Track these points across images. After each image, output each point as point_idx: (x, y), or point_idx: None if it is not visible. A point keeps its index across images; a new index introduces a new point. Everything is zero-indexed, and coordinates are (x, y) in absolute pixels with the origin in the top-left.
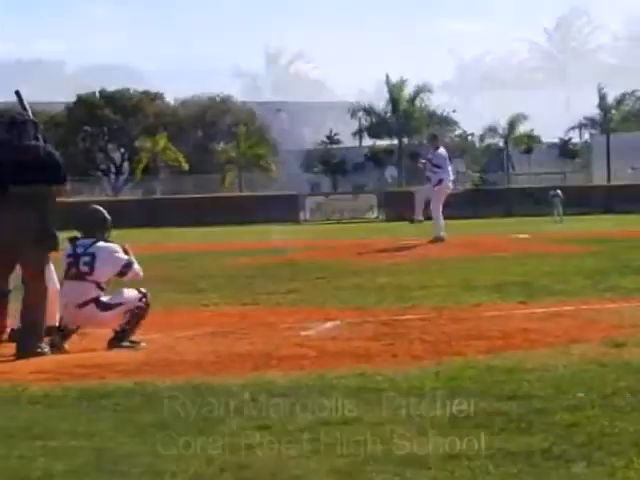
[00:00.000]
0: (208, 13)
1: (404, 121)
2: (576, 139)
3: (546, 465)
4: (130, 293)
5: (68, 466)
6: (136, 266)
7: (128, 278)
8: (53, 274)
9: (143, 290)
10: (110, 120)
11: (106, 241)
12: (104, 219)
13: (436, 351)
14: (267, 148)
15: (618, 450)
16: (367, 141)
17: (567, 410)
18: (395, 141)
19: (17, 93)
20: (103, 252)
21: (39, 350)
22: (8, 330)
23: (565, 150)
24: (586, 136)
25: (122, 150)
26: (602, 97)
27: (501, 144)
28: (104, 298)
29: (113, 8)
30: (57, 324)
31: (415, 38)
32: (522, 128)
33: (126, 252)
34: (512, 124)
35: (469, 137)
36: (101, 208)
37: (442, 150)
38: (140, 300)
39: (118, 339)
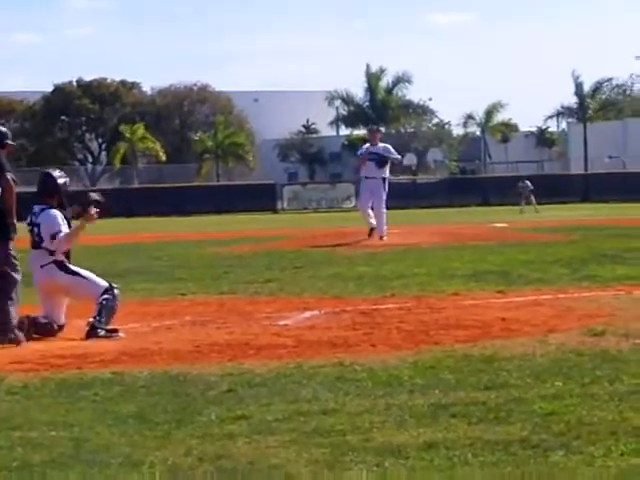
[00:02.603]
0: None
1: (381, 110)
2: (553, 128)
3: (524, 454)
4: (98, 278)
5: (47, 456)
6: (61, 235)
7: (55, 243)
8: None
9: (114, 285)
10: (87, 109)
11: (58, 207)
12: (54, 186)
13: (414, 340)
14: (244, 137)
15: (596, 439)
16: (344, 130)
17: (545, 399)
18: None
19: None
20: (43, 222)
21: (12, 337)
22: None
23: (542, 139)
24: (563, 125)
25: (100, 140)
26: (578, 85)
27: (478, 133)
28: (71, 266)
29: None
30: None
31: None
32: (499, 116)
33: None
34: (489, 112)
35: (446, 126)
36: (55, 173)
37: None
38: (106, 292)
39: (93, 330)
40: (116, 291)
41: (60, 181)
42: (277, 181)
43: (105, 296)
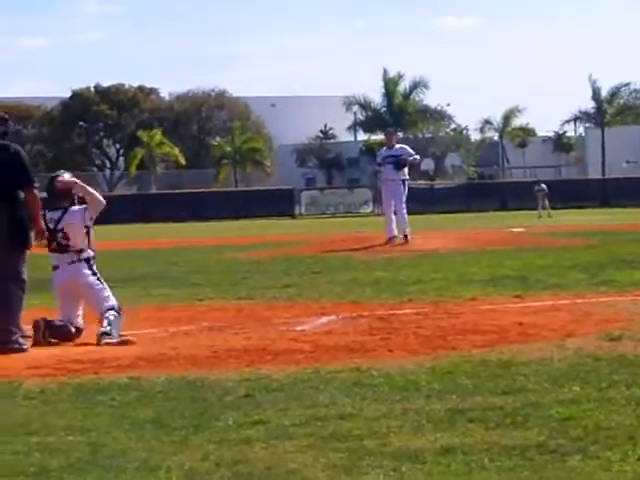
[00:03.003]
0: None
1: (399, 115)
2: (571, 132)
3: (542, 459)
4: (111, 294)
5: (64, 461)
6: (94, 195)
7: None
8: None
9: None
10: (105, 115)
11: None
12: (66, 187)
13: (431, 345)
14: (262, 143)
15: (614, 444)
16: (362, 136)
17: (562, 404)
18: None
19: None
20: (72, 223)
21: (17, 346)
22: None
23: (560, 144)
24: (581, 130)
25: (117, 145)
26: (595, 90)
27: (496, 138)
28: (94, 267)
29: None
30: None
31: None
32: (517, 121)
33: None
34: (507, 117)
35: (464, 131)
36: (65, 175)
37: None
38: (114, 309)
39: (105, 335)
40: (121, 312)
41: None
42: (295, 186)
43: (113, 312)
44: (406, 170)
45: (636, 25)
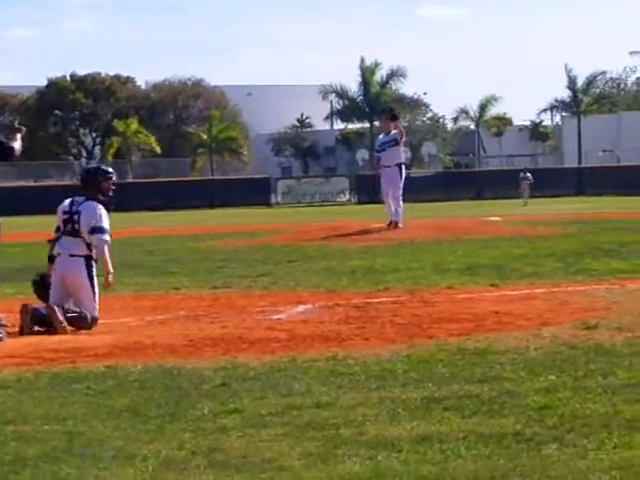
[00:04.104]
0: None
1: (375, 104)
2: (547, 121)
3: (518, 447)
4: (96, 305)
5: (40, 450)
6: (106, 237)
7: (94, 239)
8: None
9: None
10: (81, 104)
11: (97, 199)
12: (94, 178)
13: (408, 334)
14: (238, 131)
15: (589, 432)
16: (338, 124)
17: (538, 392)
18: (366, 124)
19: None
20: (86, 211)
21: None
22: None
23: (536, 132)
24: (557, 118)
25: (93, 134)
26: (572, 79)
27: (472, 126)
28: (94, 270)
29: None
30: None
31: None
32: (493, 110)
33: None
34: (483, 106)
35: (440, 120)
36: (101, 167)
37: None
38: (92, 319)
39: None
40: (94, 325)
41: (102, 174)
42: (271, 175)
43: (90, 317)
44: (403, 155)
45: (612, 14)
